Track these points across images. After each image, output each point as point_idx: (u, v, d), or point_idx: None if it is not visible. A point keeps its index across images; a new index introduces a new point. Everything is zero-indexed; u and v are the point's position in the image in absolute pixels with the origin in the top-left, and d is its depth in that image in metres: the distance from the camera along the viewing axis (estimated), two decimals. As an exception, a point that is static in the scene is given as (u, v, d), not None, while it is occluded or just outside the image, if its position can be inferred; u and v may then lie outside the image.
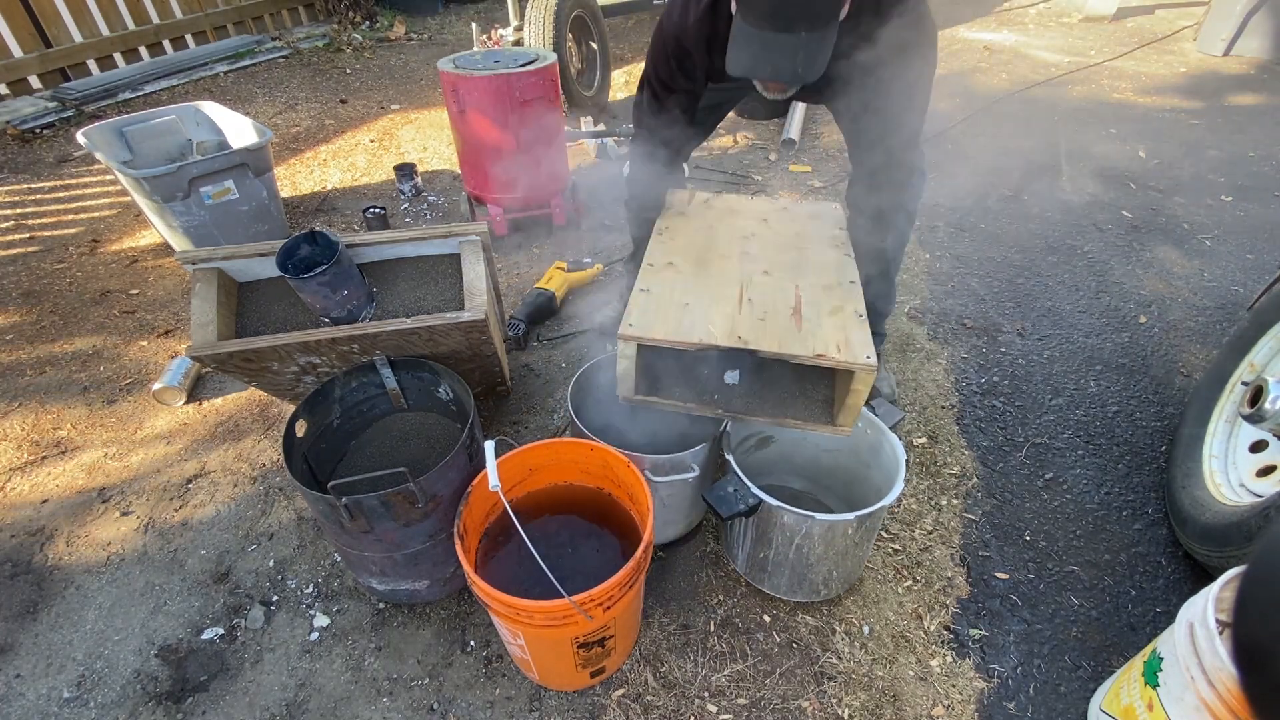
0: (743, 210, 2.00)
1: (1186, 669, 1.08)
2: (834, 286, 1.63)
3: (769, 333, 1.47)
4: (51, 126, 4.34)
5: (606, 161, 3.92)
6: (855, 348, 1.42)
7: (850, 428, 1.52)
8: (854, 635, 1.61)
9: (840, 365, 1.39)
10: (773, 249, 1.79)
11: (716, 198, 2.08)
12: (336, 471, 1.72)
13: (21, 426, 2.24)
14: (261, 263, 1.70)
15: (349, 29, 6.26)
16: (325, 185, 3.77)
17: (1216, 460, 1.75)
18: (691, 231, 1.88)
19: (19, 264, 3.09)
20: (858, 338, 1.45)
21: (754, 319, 1.51)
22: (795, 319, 1.51)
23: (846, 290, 1.62)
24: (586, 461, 1.57)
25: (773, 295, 1.59)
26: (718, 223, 1.93)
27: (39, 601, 1.72)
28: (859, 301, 1.58)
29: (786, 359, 1.43)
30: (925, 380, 2.32)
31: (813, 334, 1.46)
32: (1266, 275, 2.81)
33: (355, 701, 1.51)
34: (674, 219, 1.96)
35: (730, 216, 1.96)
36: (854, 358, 1.39)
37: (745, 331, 1.47)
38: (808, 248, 1.80)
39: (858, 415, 1.50)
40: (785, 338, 1.45)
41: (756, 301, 1.57)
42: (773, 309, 1.54)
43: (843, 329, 1.48)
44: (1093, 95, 4.72)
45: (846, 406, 1.48)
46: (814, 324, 1.49)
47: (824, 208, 2.02)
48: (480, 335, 1.68)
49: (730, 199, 2.08)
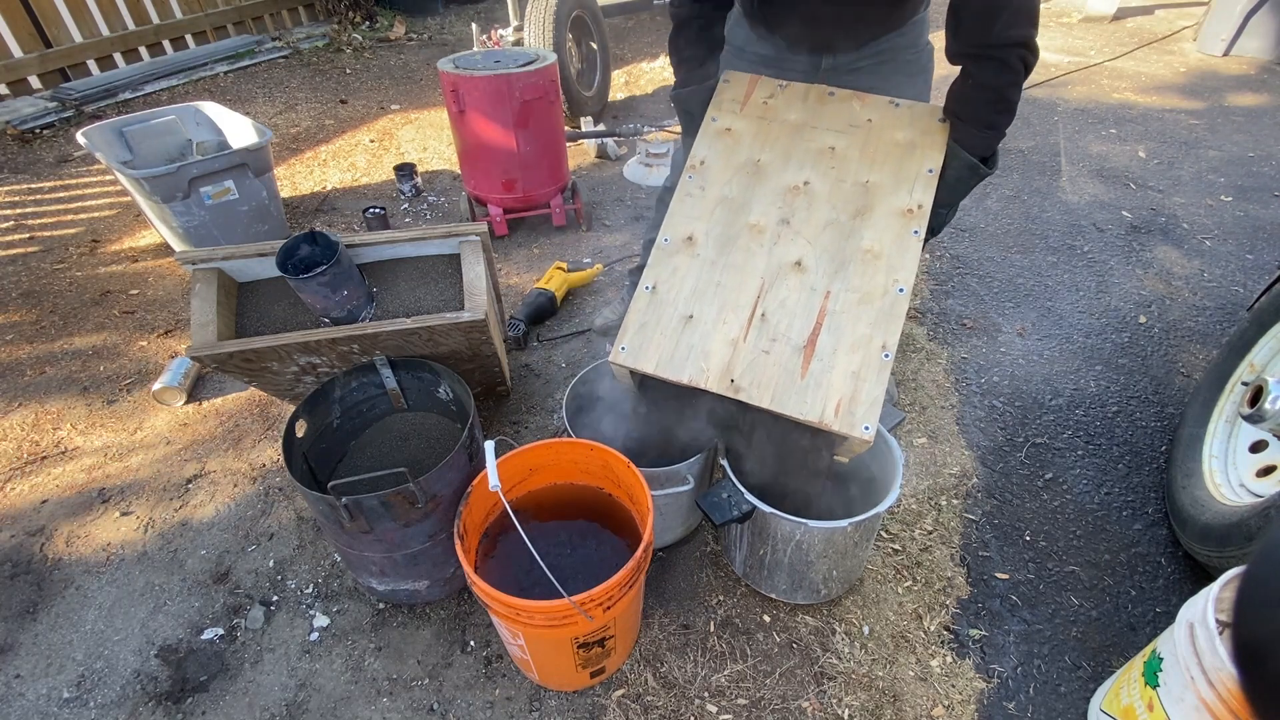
0: (811, 124, 1.53)
1: (1186, 669, 1.08)
2: (874, 298, 1.33)
3: (766, 376, 1.30)
4: (51, 126, 4.34)
5: (606, 161, 3.92)
6: (858, 411, 1.24)
7: (848, 459, 1.43)
8: (854, 635, 1.61)
9: (834, 431, 1.26)
10: (823, 214, 1.43)
11: (782, 94, 1.56)
12: (336, 472, 1.72)
13: (21, 426, 2.24)
14: (261, 263, 1.70)
15: (349, 29, 6.26)
16: (325, 185, 3.77)
17: (1216, 460, 1.75)
18: (732, 169, 1.50)
19: (19, 264, 3.09)
20: (867, 394, 1.26)
21: (758, 351, 1.32)
22: (805, 354, 1.31)
23: (888, 306, 1.32)
24: (586, 461, 1.57)
25: (792, 309, 1.35)
26: (770, 150, 1.51)
27: (39, 601, 1.72)
28: (895, 325, 1.31)
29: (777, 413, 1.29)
30: (925, 380, 2.32)
31: (817, 383, 1.28)
32: (1266, 275, 2.81)
33: (355, 702, 1.51)
34: (714, 142, 1.54)
35: (791, 136, 1.52)
36: (851, 428, 1.23)
37: (740, 372, 1.31)
38: (870, 212, 1.41)
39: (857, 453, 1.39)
40: (782, 386, 1.29)
41: (770, 319, 1.35)
42: (784, 333, 1.33)
43: (855, 378, 1.27)
44: (1093, 95, 4.72)
45: (845, 447, 1.37)
46: (825, 365, 1.29)
47: (923, 123, 1.47)
48: (480, 335, 1.68)
49: (799, 99, 1.55)
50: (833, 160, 1.48)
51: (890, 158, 1.46)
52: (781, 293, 1.37)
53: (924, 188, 1.42)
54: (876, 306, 1.32)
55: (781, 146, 1.51)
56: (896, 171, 1.44)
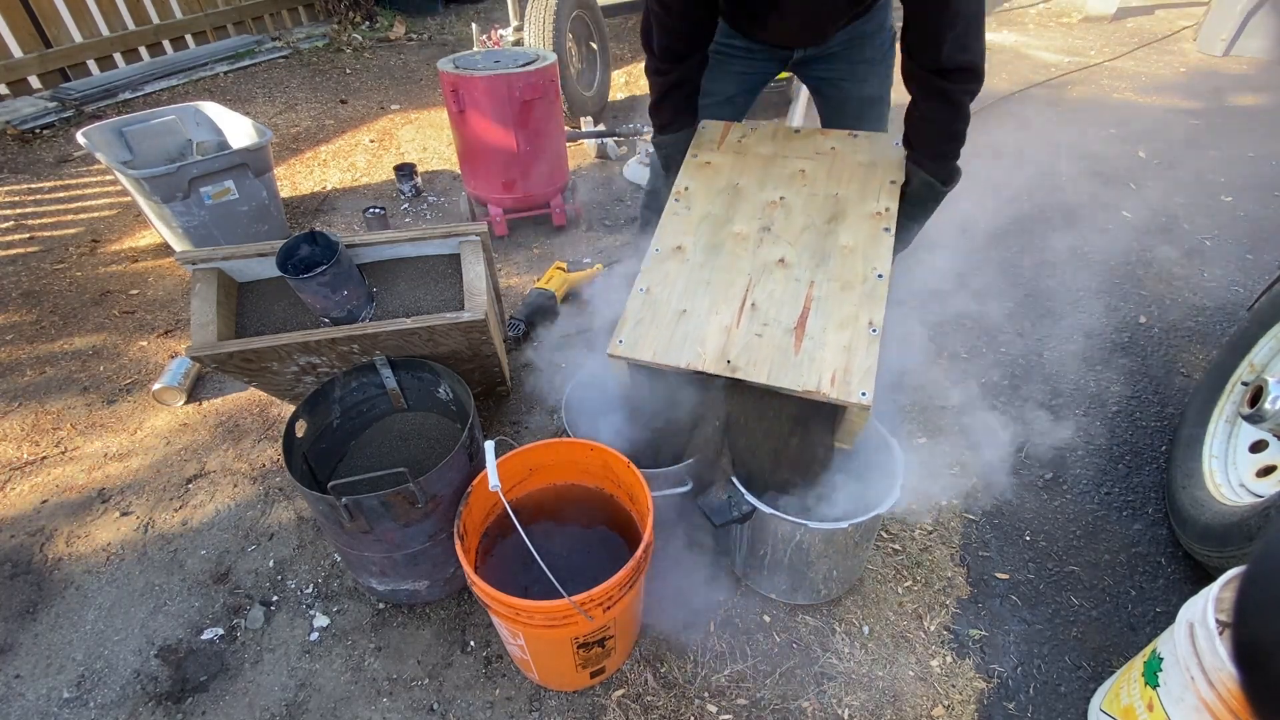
0: (781, 154, 1.72)
1: (1186, 669, 1.08)
2: (855, 284, 1.45)
3: (761, 355, 1.37)
4: (51, 126, 4.34)
5: (606, 161, 3.92)
6: (853, 380, 1.31)
7: (851, 444, 1.48)
8: (854, 635, 1.61)
9: (831, 401, 1.31)
10: (800, 220, 1.57)
11: (753, 134, 1.79)
12: (336, 472, 1.72)
13: (21, 426, 2.24)
14: (261, 263, 1.70)
15: (349, 29, 6.26)
16: (325, 185, 3.77)
17: (1216, 460, 1.75)
18: (713, 192, 1.66)
19: (19, 264, 3.09)
20: (859, 365, 1.33)
21: (750, 334, 1.40)
22: (797, 334, 1.39)
23: (869, 290, 1.44)
24: (586, 462, 1.57)
25: (780, 299, 1.45)
26: (746, 176, 1.69)
27: (39, 601, 1.72)
28: (879, 305, 1.41)
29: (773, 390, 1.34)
30: (926, 380, 2.32)
31: (810, 358, 1.35)
32: (1266, 275, 2.81)
33: (355, 702, 1.51)
34: (696, 173, 1.72)
35: (764, 165, 1.70)
36: (848, 395, 1.29)
37: (736, 353, 1.37)
38: (843, 217, 1.56)
39: (857, 435, 1.45)
40: (778, 363, 1.35)
41: (760, 307, 1.45)
42: (775, 318, 1.42)
43: (846, 351, 1.35)
44: (1093, 95, 4.71)
45: (845, 428, 1.43)
46: (816, 343, 1.37)
47: (880, 149, 1.70)
48: (480, 335, 1.68)
49: (769, 137, 1.78)
50: (804, 180, 1.66)
51: (855, 176, 1.65)
52: (769, 285, 1.48)
53: (889, 195, 1.59)
54: (858, 291, 1.44)
55: (757, 173, 1.70)
56: (862, 186, 1.62)
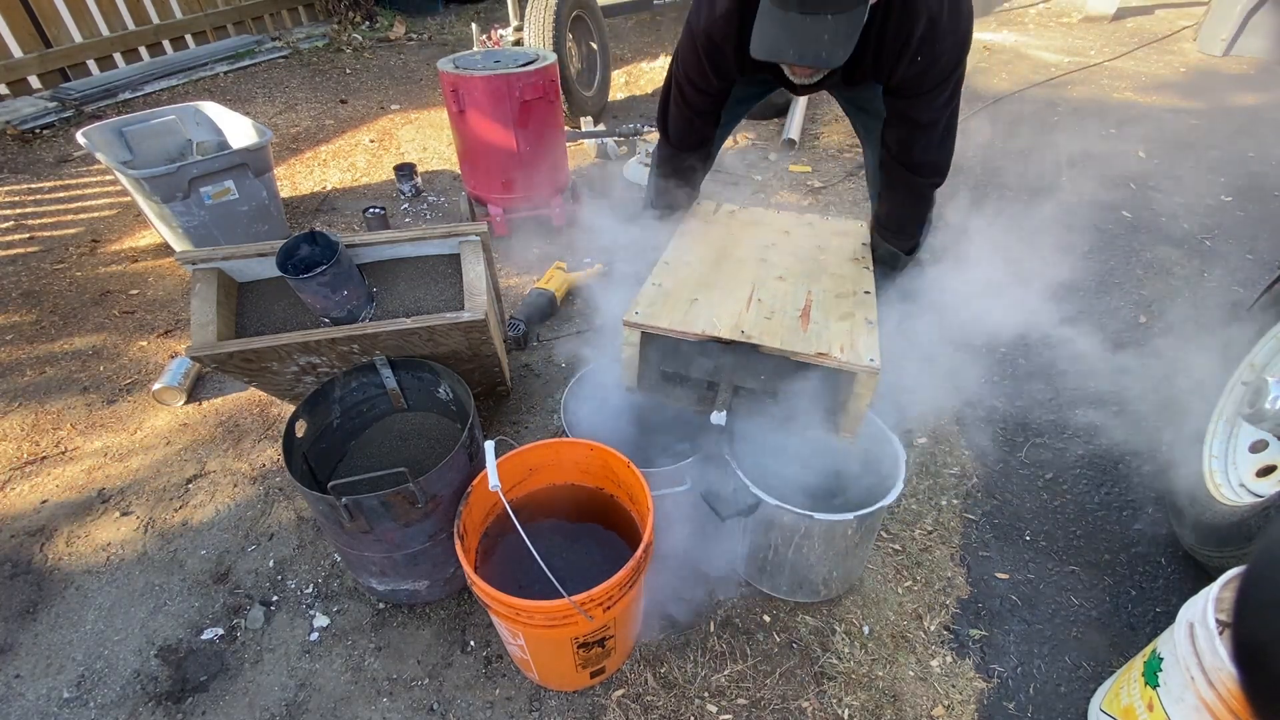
0: (766, 222, 2.02)
1: (1186, 669, 1.08)
2: (848, 295, 1.63)
3: (773, 330, 1.48)
4: (51, 126, 4.34)
5: (606, 161, 3.92)
6: (860, 350, 1.41)
7: (854, 434, 1.51)
8: (854, 635, 1.61)
9: (841, 366, 1.39)
10: (791, 258, 1.80)
11: (742, 210, 2.10)
12: (336, 472, 1.72)
13: (21, 426, 2.24)
14: (261, 263, 1.70)
15: (349, 29, 6.26)
16: (325, 185, 3.77)
17: (1216, 460, 1.75)
18: (712, 237, 1.91)
19: (19, 264, 3.09)
20: (865, 341, 1.44)
21: (760, 317, 1.52)
22: (803, 320, 1.52)
23: (860, 299, 1.62)
24: (586, 462, 1.56)
25: (783, 298, 1.61)
26: (740, 231, 1.95)
27: (39, 601, 1.72)
28: (872, 310, 1.57)
29: (788, 355, 1.43)
30: (926, 381, 2.32)
31: (818, 335, 1.46)
32: (1266, 275, 2.81)
33: (355, 702, 1.51)
34: (696, 224, 1.99)
35: (753, 227, 1.98)
36: (857, 359, 1.38)
37: (749, 327, 1.48)
38: (827, 259, 1.81)
39: (861, 421, 1.49)
40: (789, 336, 1.46)
41: (766, 301, 1.59)
42: (781, 309, 1.56)
43: (850, 333, 1.47)
44: (1093, 95, 4.72)
45: (849, 412, 1.46)
46: (821, 326, 1.50)
47: (850, 225, 2.01)
48: (480, 335, 1.68)
49: (756, 211, 2.09)
50: (789, 237, 1.94)
51: (833, 237, 1.95)
52: (771, 290, 1.65)
53: (864, 252, 1.87)
54: (851, 300, 1.63)
55: (748, 233, 1.96)
56: (840, 242, 1.92)
